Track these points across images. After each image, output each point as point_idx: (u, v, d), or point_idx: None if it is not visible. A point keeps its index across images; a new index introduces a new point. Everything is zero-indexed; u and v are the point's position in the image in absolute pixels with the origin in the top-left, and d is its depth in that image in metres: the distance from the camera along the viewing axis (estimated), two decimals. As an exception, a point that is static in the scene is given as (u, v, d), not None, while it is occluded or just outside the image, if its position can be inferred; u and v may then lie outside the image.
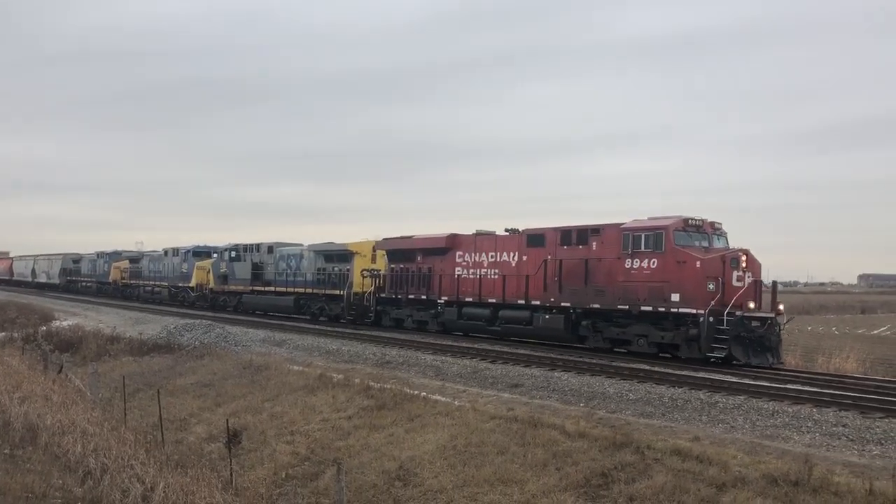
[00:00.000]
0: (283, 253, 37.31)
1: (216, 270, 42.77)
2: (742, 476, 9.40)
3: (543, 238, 23.58)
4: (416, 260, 28.58)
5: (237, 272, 40.61)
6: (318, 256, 34.51)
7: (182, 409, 17.48)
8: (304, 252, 35.60)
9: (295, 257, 36.21)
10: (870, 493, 8.43)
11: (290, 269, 36.23)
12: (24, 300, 53.02)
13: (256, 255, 39.35)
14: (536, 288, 23.35)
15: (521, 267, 24.20)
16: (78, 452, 11.20)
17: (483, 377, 18.09)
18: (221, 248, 43.33)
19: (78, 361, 24.54)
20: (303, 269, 35.17)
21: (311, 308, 34.48)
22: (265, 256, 38.70)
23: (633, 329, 20.69)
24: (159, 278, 50.56)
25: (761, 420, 12.87)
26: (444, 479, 11.10)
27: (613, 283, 20.94)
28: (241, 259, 40.53)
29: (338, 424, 14.47)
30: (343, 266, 32.59)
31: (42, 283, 74.54)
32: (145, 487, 9.71)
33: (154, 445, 12.89)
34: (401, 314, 29.34)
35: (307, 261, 35.06)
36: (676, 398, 14.73)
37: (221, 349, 24.15)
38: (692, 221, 20.02)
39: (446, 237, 27.46)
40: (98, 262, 62.81)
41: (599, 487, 9.97)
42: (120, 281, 57.41)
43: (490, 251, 25.64)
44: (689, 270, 19.20)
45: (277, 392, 17.45)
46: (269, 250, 38.45)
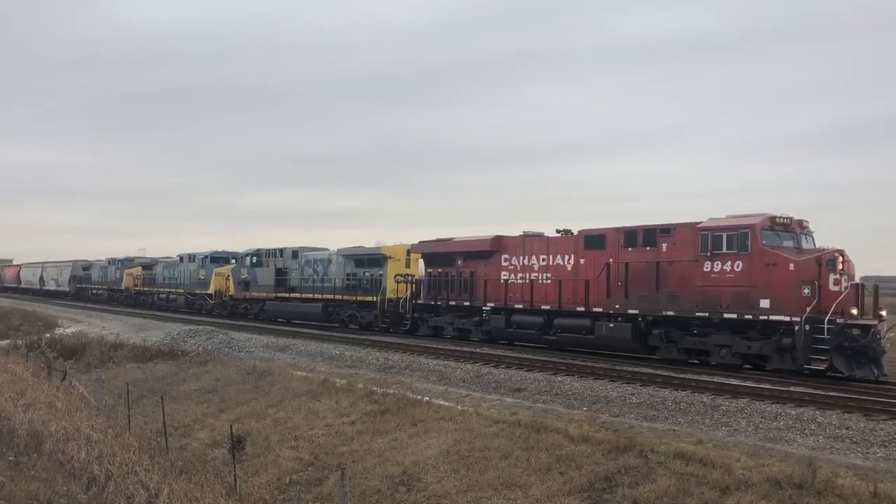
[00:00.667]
0: (310, 258, 35.76)
1: (236, 277, 41.12)
2: (746, 479, 9.40)
3: (604, 239, 21.84)
4: (457, 264, 26.91)
5: (259, 278, 38.94)
6: (347, 261, 33.11)
7: (186, 415, 17.51)
8: (333, 257, 34.17)
9: (322, 262, 34.73)
10: (874, 496, 8.43)
11: (316, 274, 34.81)
12: (29, 307, 53.09)
13: (280, 260, 37.73)
14: (598, 294, 21.63)
15: (578, 271, 22.52)
16: (82, 459, 11.20)
17: (486, 381, 18.09)
18: (241, 253, 41.76)
19: (82, 368, 24.54)
20: (331, 275, 33.74)
21: (340, 315, 33.04)
22: (290, 262, 37.13)
23: (714, 339, 18.88)
24: (174, 285, 49.06)
25: (764, 423, 12.86)
26: (448, 484, 11.10)
27: (690, 289, 19.20)
28: (264, 265, 38.84)
29: (341, 430, 14.48)
30: (375, 271, 31.17)
31: (51, 290, 73.05)
32: (149, 494, 9.72)
33: (158, 452, 12.90)
34: (440, 322, 27.63)
35: (335, 266, 33.66)
36: (679, 401, 14.72)
37: (225, 355, 24.17)
38: (780, 219, 18.37)
39: (491, 239, 25.71)
40: (109, 268, 61.11)
41: (603, 491, 9.97)
42: (133, 288, 55.90)
43: (541, 254, 23.98)
44: (780, 273, 17.51)
45: (281, 397, 17.47)
46: (294, 255, 36.83)
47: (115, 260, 60.57)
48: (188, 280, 46.98)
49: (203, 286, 44.93)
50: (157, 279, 51.99)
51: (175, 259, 50.24)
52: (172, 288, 49.28)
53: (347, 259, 33.16)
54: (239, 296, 40.83)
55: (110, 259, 61.73)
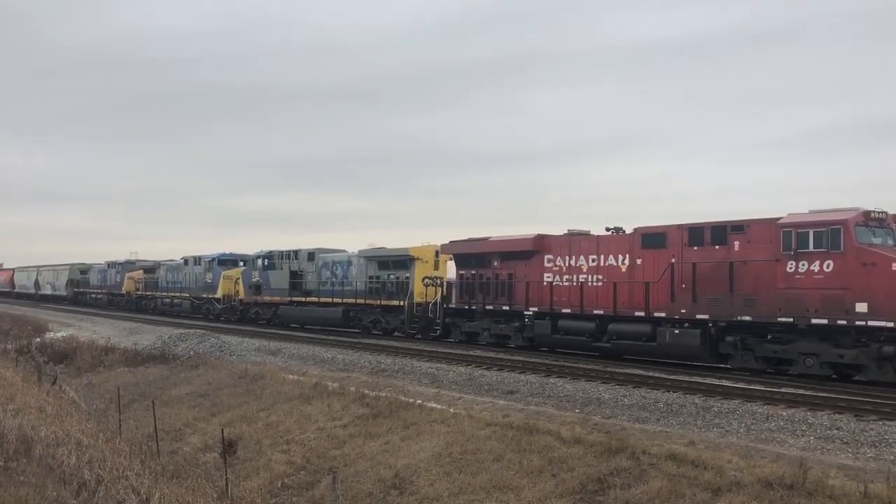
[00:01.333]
0: (327, 260, 34.04)
1: (247, 280, 39.15)
2: (737, 480, 9.42)
3: (664, 238, 20.08)
4: (493, 265, 25.06)
5: (272, 281, 36.94)
6: (369, 263, 31.34)
7: (177, 419, 17.45)
8: (353, 258, 32.43)
9: (341, 264, 32.93)
10: (864, 496, 8.46)
11: (335, 277, 33.01)
12: (18, 311, 52.88)
13: (295, 262, 35.75)
14: (660, 297, 19.85)
15: (634, 272, 20.77)
16: (72, 464, 11.14)
17: (478, 384, 18.09)
18: (252, 255, 39.97)
19: (72, 373, 24.48)
20: (351, 278, 31.98)
21: (362, 321, 31.22)
22: (305, 264, 35.21)
23: (799, 346, 17.12)
24: (179, 289, 46.85)
25: (756, 424, 12.89)
26: (440, 487, 11.10)
27: (769, 291, 17.46)
28: (277, 267, 36.89)
29: (333, 433, 14.46)
30: (401, 273, 29.48)
31: (47, 295, 70.46)
32: (140, 499, 9.68)
33: (149, 456, 12.85)
34: (475, 327, 25.71)
35: (356, 268, 31.88)
36: (671, 403, 14.75)
37: (216, 359, 24.11)
38: (875, 214, 16.77)
39: (533, 239, 23.86)
40: (109, 272, 58.65)
41: (595, 493, 9.98)
42: (134, 292, 53.73)
43: (590, 254, 22.22)
44: (880, 274, 15.80)
45: (273, 401, 17.43)
46: (310, 257, 35.04)
47: (114, 263, 58.27)
48: (194, 284, 44.98)
49: (210, 290, 43.06)
50: (160, 283, 49.87)
51: (179, 262, 48.28)
52: (177, 292, 47.31)
53: (370, 261, 31.41)
54: (249, 300, 39.02)
55: (109, 262, 59.41)
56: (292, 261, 36.05)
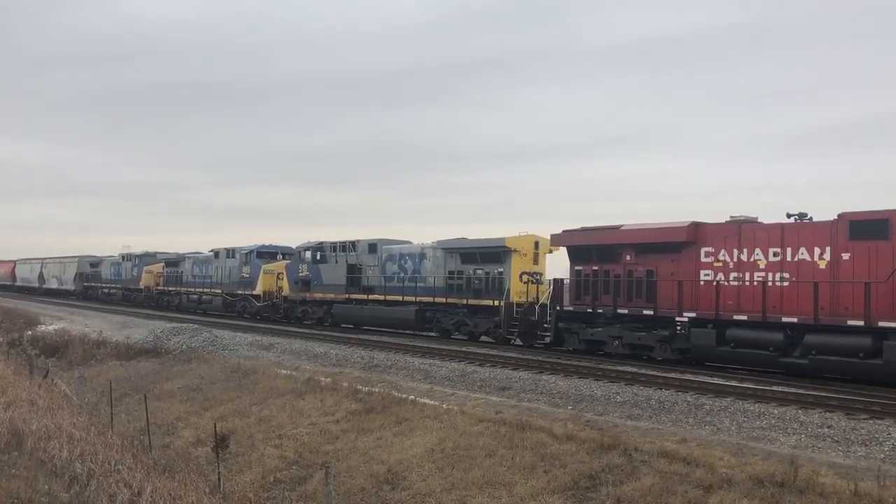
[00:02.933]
0: (394, 252, 30.38)
1: (292, 274, 35.57)
2: (729, 477, 9.45)
3: (886, 225, 16.21)
4: (623, 259, 21.18)
5: (324, 276, 33.30)
6: (449, 256, 27.63)
7: (169, 413, 17.41)
8: (428, 251, 28.67)
9: (412, 257, 29.26)
10: (855, 494, 8.50)
11: (403, 272, 29.43)
12: (9, 304, 52.67)
13: (353, 255, 32.07)
14: (883, 302, 15.95)
15: (839, 269, 16.95)
16: (64, 458, 11.14)
17: (471, 380, 18.11)
18: (300, 247, 35.78)
19: (64, 366, 24.38)
20: (425, 273, 28.36)
21: (442, 323, 27.33)
22: (365, 256, 31.59)
23: None
24: (209, 284, 42.86)
25: (748, 422, 12.95)
26: (433, 483, 11.10)
27: None
28: (329, 260, 33.26)
29: (326, 428, 14.46)
30: (492, 268, 25.79)
31: (53, 289, 66.74)
32: (132, 492, 9.68)
33: (141, 450, 12.84)
34: (600, 335, 21.33)
35: (432, 261, 28.24)
36: (664, 400, 14.80)
37: (209, 353, 24.07)
38: None
39: (687, 227, 19.70)
40: (124, 265, 54.51)
41: (587, 490, 10.00)
42: (154, 287, 49.52)
43: (769, 246, 18.28)
44: None
45: (265, 396, 17.42)
46: (372, 249, 31.35)
47: (130, 255, 54.23)
48: (227, 279, 40.92)
49: (247, 286, 39.12)
50: (185, 277, 45.77)
51: (208, 254, 44.33)
52: (206, 287, 43.15)
53: (450, 253, 27.64)
54: (296, 297, 35.17)
55: (125, 254, 55.51)
56: (349, 253, 32.28)
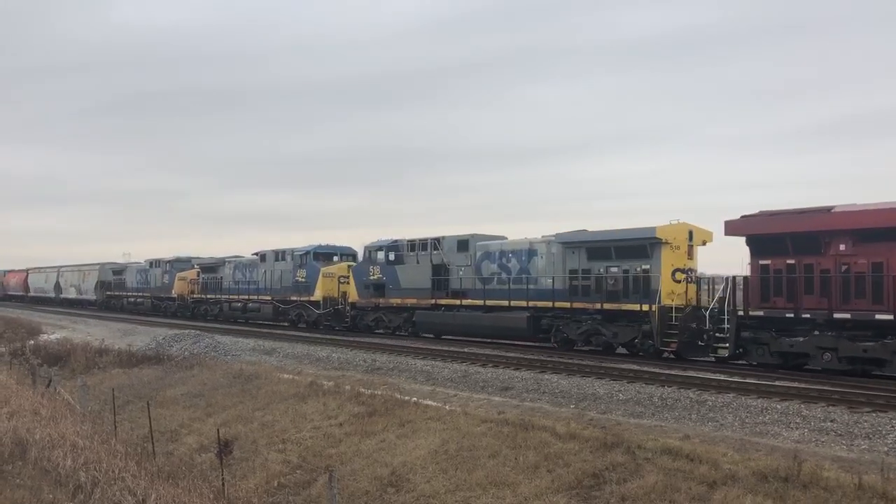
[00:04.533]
0: (491, 249, 25.94)
1: (360, 277, 31.30)
2: (732, 473, 9.46)
3: None
4: (833, 250, 16.96)
5: (402, 279, 29.06)
6: (570, 251, 23.05)
7: (172, 420, 17.42)
8: (539, 245, 24.21)
9: (518, 254, 24.77)
10: (859, 488, 8.51)
11: (506, 272, 25.04)
12: (13, 314, 52.73)
13: (438, 254, 27.69)
14: None
15: None
16: (68, 466, 11.15)
17: (473, 381, 18.12)
18: (370, 246, 31.44)
19: (66, 375, 24.40)
20: (537, 272, 23.96)
21: (564, 332, 22.83)
22: (454, 255, 27.19)
23: None
24: (255, 290, 38.57)
25: (750, 417, 12.95)
26: (437, 484, 11.11)
27: None
28: (408, 260, 29.00)
29: (329, 432, 14.46)
30: (634, 265, 21.21)
31: (71, 299, 62.44)
32: (137, 500, 9.69)
33: (145, 457, 12.85)
34: (803, 346, 17.19)
35: (545, 259, 23.80)
36: (666, 397, 14.80)
37: (211, 359, 24.07)
38: None
39: None
40: (152, 272, 50.23)
41: (591, 488, 10.01)
42: (189, 295, 45.36)
43: None
44: None
45: (268, 401, 17.42)
46: (462, 246, 26.97)
47: (159, 261, 49.93)
48: (279, 284, 36.80)
49: (303, 291, 34.92)
50: (226, 284, 41.55)
51: (252, 257, 40.27)
52: (251, 294, 38.89)
53: (571, 248, 23.11)
54: (366, 303, 30.97)
55: (152, 260, 51.16)
56: (433, 252, 27.99)
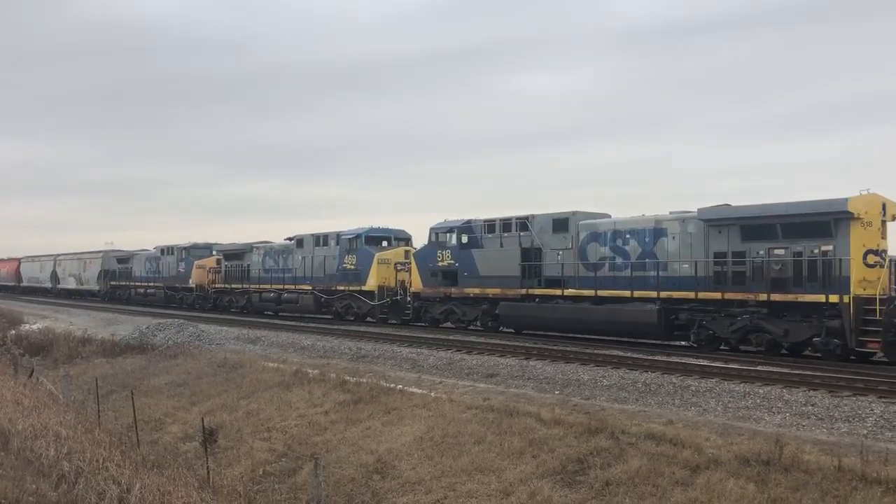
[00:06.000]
0: (600, 228, 22.15)
1: (425, 263, 27.47)
2: (715, 457, 9.55)
3: None
4: None
5: (481, 265, 25.22)
6: (715, 229, 19.21)
7: (157, 409, 17.37)
8: (671, 223, 20.41)
9: (639, 235, 20.99)
10: (839, 470, 8.61)
11: (622, 256, 21.38)
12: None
13: (527, 235, 23.93)
14: None
15: None
16: (51, 456, 11.08)
17: (459, 368, 18.16)
18: (437, 228, 27.26)
19: (49, 365, 24.26)
20: (665, 256, 20.28)
21: (709, 328, 19.10)
22: (548, 237, 23.45)
23: None
24: (291, 279, 34.80)
25: (733, 402, 13.07)
26: (422, 471, 11.15)
27: None
28: (488, 244, 25.31)
29: (314, 420, 14.47)
30: (808, 245, 17.51)
31: (70, 289, 59.07)
32: (121, 489, 9.64)
33: (129, 447, 12.80)
34: None
35: (679, 239, 20.05)
36: (650, 383, 14.90)
37: (195, 348, 23.99)
38: None
39: None
40: (164, 260, 46.27)
41: (576, 473, 10.08)
42: (209, 285, 41.65)
43: None
44: None
45: (253, 389, 17.40)
46: (559, 225, 23.12)
47: (172, 248, 45.71)
48: (322, 271, 32.98)
49: (352, 280, 31.13)
50: (254, 272, 37.85)
51: (285, 243, 36.56)
52: (286, 283, 35.11)
53: (717, 226, 19.18)
54: (433, 292, 27.05)
55: (163, 247, 46.99)
56: (520, 234, 24.15)
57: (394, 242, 31.84)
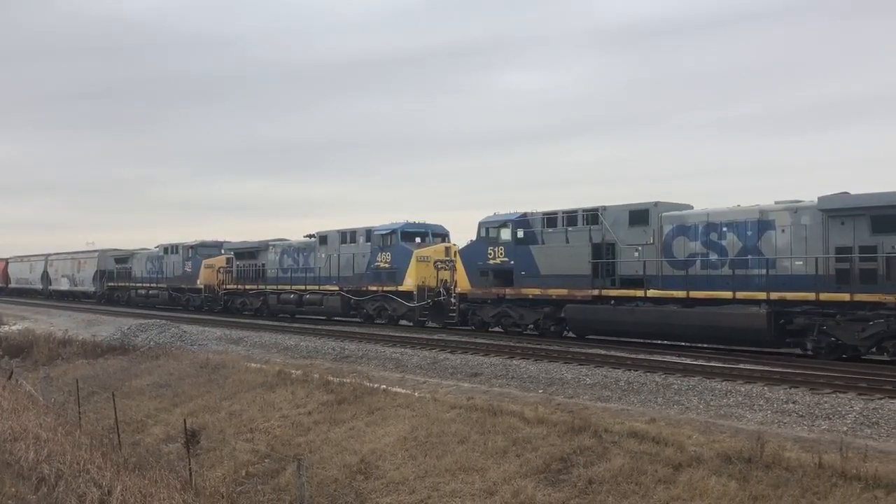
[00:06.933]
0: (689, 221, 19.44)
1: (473, 261, 24.56)
2: (697, 455, 9.59)
3: None
4: None
5: (542, 263, 22.34)
6: (837, 221, 16.84)
7: (139, 410, 17.24)
8: (778, 214, 17.94)
9: (740, 227, 18.40)
10: (819, 467, 8.67)
11: (718, 251, 18.72)
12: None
13: (596, 229, 21.21)
14: None
15: None
16: (31, 459, 10.99)
17: (443, 367, 18.16)
18: (488, 222, 24.40)
19: (29, 366, 24.02)
20: (773, 251, 17.81)
21: (832, 335, 16.66)
22: (623, 231, 20.70)
23: None
24: (312, 280, 32.09)
25: (715, 400, 13.15)
26: (406, 471, 11.13)
27: None
28: (550, 239, 22.52)
29: (298, 420, 14.41)
30: None
31: (63, 291, 56.42)
32: (102, 491, 9.58)
33: (110, 449, 12.70)
34: None
35: (790, 232, 17.64)
36: (632, 381, 14.97)
37: (177, 349, 23.83)
38: None
39: None
40: (168, 259, 43.28)
41: (559, 472, 10.09)
42: (219, 286, 38.68)
43: None
44: None
45: (235, 390, 17.30)
46: (637, 218, 20.44)
47: (177, 246, 42.77)
48: (350, 271, 30.15)
49: (386, 279, 28.41)
50: (270, 272, 35.09)
51: (305, 240, 33.79)
52: (307, 284, 32.35)
53: (839, 216, 16.85)
54: (484, 293, 24.15)
55: (167, 245, 44.12)
56: (591, 227, 21.48)
57: (431, 238, 29.15)
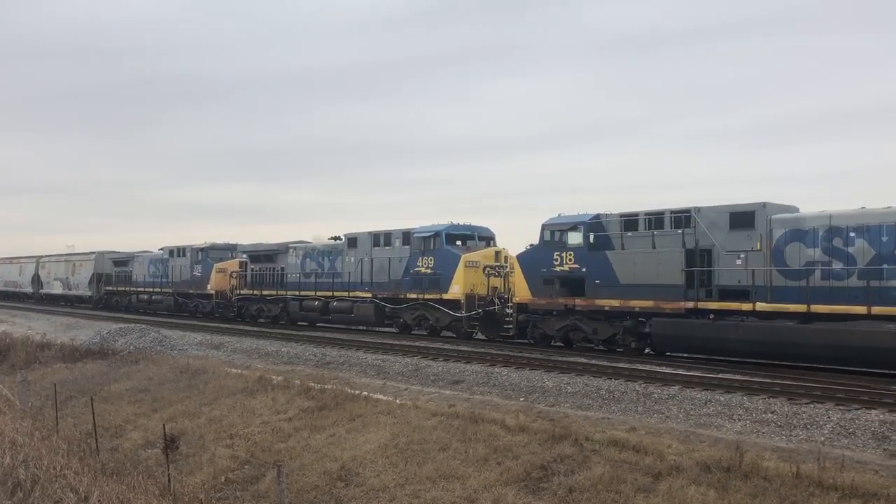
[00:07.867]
0: (807, 224, 17.13)
1: (535, 268, 22.11)
2: (677, 464, 9.65)
3: None
4: None
5: (620, 271, 19.99)
6: None
7: (117, 415, 17.08)
8: None
9: (874, 232, 16.11)
10: (797, 477, 8.75)
11: (844, 259, 16.50)
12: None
13: (689, 232, 18.89)
14: None
15: None
16: (6, 464, 10.86)
17: (424, 375, 18.15)
18: (552, 224, 21.90)
19: (6, 370, 23.74)
20: None
21: None
22: (721, 235, 18.29)
23: None
24: (340, 286, 29.57)
25: (695, 409, 13.23)
26: (387, 478, 11.11)
27: None
28: (630, 244, 20.08)
29: (278, 426, 14.34)
30: None
31: (56, 294, 53.35)
32: (79, 497, 9.49)
33: (88, 454, 12.59)
34: None
35: None
36: (613, 390, 15.04)
37: (157, 353, 23.66)
38: None
39: None
40: (174, 262, 40.54)
41: (539, 480, 10.11)
42: (231, 292, 36.26)
43: None
44: None
45: (216, 396, 17.19)
46: (742, 220, 18.01)
47: (183, 249, 40.03)
48: (385, 276, 27.74)
49: (427, 286, 25.99)
50: (290, 277, 32.59)
51: (332, 243, 31.17)
52: (335, 290, 29.86)
53: None
54: (549, 304, 21.70)
55: (172, 248, 41.26)
56: (684, 231, 18.98)
57: (477, 242, 26.70)
